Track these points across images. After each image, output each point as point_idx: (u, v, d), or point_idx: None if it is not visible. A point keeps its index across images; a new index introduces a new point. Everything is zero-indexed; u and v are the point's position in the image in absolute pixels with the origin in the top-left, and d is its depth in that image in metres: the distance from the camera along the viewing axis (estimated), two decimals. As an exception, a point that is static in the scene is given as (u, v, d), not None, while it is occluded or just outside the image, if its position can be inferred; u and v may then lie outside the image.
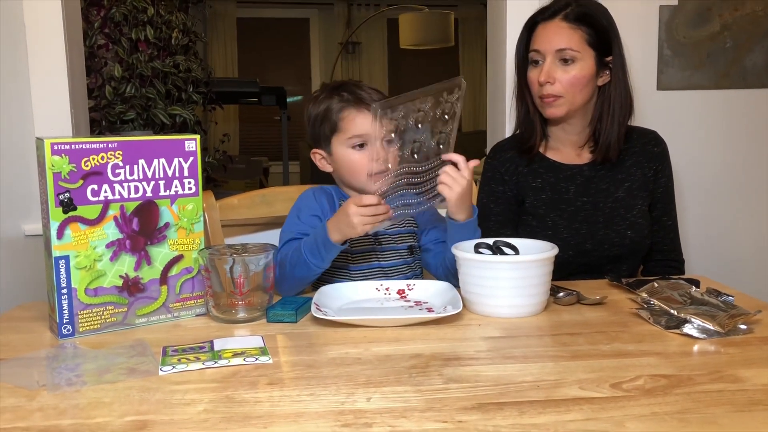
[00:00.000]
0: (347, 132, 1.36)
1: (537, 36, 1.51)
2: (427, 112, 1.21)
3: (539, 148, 1.58)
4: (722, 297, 1.15)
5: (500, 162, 1.60)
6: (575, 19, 1.47)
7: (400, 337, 1.05)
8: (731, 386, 0.85)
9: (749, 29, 2.02)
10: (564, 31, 1.47)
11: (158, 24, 2.95)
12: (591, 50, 1.48)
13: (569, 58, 1.46)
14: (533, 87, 1.52)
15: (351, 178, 1.39)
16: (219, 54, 6.62)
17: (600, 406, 0.79)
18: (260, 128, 6.75)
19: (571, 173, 1.56)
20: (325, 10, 7.01)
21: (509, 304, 1.14)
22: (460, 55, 7.14)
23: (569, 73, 1.47)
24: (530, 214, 1.55)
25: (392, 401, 0.81)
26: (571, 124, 1.55)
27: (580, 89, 1.48)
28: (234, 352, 0.98)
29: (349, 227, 1.21)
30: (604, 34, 1.49)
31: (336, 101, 1.37)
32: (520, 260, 1.17)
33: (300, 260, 1.26)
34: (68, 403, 0.82)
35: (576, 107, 1.50)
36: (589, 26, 1.48)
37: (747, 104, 2.07)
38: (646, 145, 1.58)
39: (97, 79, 2.70)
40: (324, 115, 1.39)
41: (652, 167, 1.57)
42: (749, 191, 2.11)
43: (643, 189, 1.55)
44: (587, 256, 1.49)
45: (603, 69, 1.51)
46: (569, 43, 1.46)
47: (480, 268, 1.16)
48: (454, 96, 1.20)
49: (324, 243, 1.24)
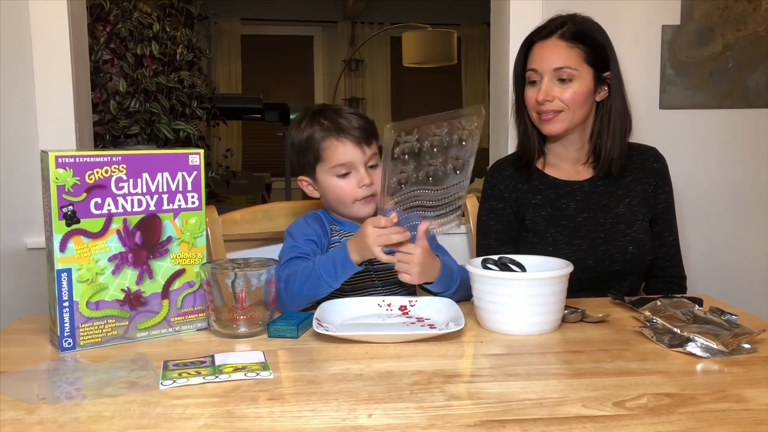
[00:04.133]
0: (330, 161, 1.37)
1: (534, 55, 1.52)
2: (443, 137, 1.19)
3: (538, 165, 1.59)
4: (726, 316, 1.15)
5: (499, 179, 1.60)
6: (572, 37, 1.49)
7: (402, 353, 1.04)
8: (735, 406, 0.84)
9: (751, 49, 2.03)
10: (561, 50, 1.48)
11: (163, 40, 2.96)
12: (588, 67, 1.49)
13: (567, 77, 1.48)
14: (530, 105, 1.53)
15: (337, 204, 1.41)
16: (223, 70, 6.66)
17: (603, 425, 0.78)
18: (263, 144, 6.77)
19: (571, 189, 1.56)
20: (328, 28, 7.05)
21: (528, 321, 1.13)
22: (462, 73, 7.17)
23: (567, 90, 1.47)
24: (530, 231, 1.55)
25: (394, 418, 0.80)
26: (571, 141, 1.55)
27: (579, 105, 1.49)
28: (235, 366, 0.97)
29: (367, 249, 1.21)
30: (601, 51, 1.50)
31: (318, 130, 1.38)
32: (541, 277, 1.15)
33: (312, 276, 1.25)
34: (68, 417, 0.81)
35: (575, 123, 1.51)
36: (586, 44, 1.49)
37: (749, 124, 2.08)
38: (645, 161, 1.58)
39: (101, 94, 2.71)
40: (306, 144, 1.39)
41: (653, 183, 1.57)
42: (751, 210, 2.11)
43: (644, 205, 1.55)
44: (589, 272, 1.48)
45: (601, 85, 1.52)
46: (567, 62, 1.47)
47: (499, 285, 1.15)
48: (473, 123, 1.20)
49: (343, 263, 1.24)
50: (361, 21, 7.06)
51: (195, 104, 3.09)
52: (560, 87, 1.48)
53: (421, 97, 7.10)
